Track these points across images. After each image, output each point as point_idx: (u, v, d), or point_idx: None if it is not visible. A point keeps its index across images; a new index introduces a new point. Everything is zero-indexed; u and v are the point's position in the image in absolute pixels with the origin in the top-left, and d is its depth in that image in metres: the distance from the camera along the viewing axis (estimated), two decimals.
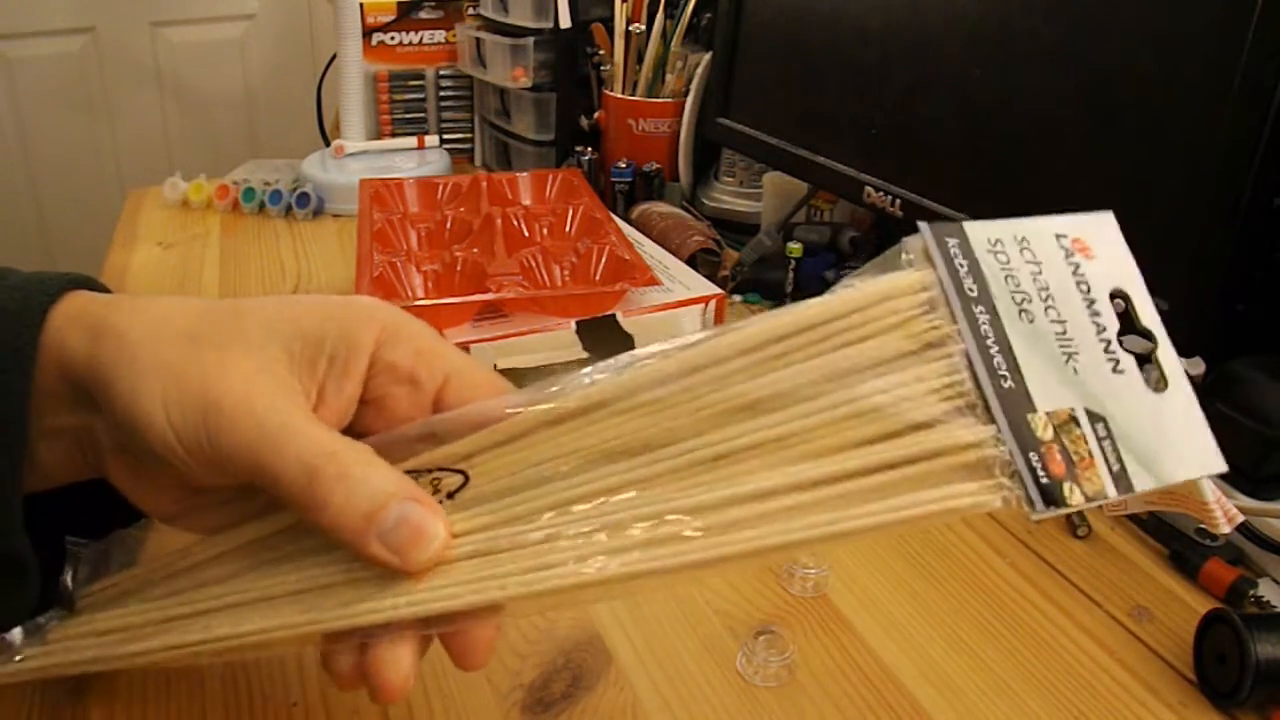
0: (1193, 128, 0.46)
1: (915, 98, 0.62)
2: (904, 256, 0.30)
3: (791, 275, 0.76)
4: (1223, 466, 0.31)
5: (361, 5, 1.01)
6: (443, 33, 1.09)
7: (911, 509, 0.28)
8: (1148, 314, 0.31)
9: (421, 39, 1.09)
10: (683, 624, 0.44)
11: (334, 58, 1.00)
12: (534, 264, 0.65)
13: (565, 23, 0.95)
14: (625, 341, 0.61)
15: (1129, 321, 0.32)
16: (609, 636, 0.43)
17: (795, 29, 0.72)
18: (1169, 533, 0.51)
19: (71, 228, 1.87)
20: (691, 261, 0.75)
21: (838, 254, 0.82)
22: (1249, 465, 0.51)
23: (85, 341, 0.30)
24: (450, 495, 0.32)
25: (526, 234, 0.71)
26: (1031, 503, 0.27)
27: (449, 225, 0.71)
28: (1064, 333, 0.30)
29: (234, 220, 0.95)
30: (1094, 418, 0.29)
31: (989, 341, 0.29)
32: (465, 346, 0.57)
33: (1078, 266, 0.31)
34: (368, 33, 1.05)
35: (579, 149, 0.97)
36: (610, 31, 0.93)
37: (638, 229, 0.79)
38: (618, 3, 0.92)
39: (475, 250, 0.65)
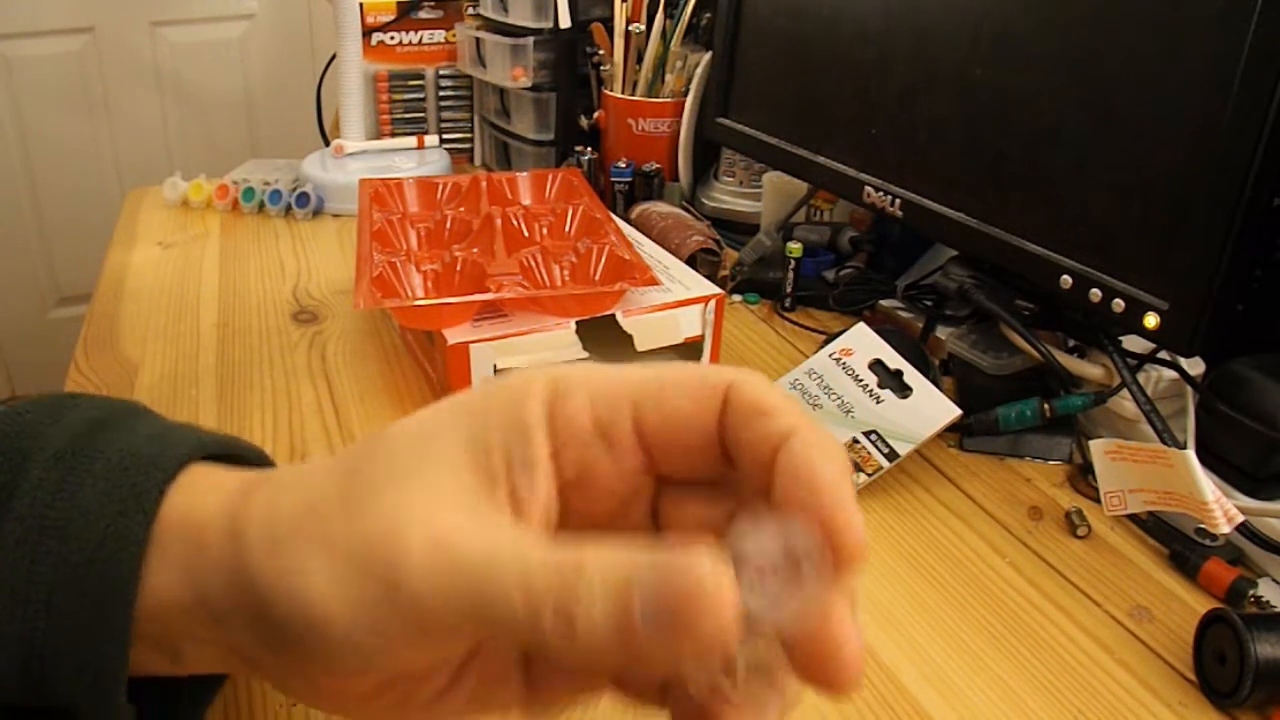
0: (1193, 127, 0.46)
1: (915, 98, 0.62)
2: None
3: (791, 275, 0.76)
4: (957, 411, 0.53)
5: (361, 5, 1.01)
6: (442, 32, 1.09)
7: None
8: (892, 359, 0.56)
9: (421, 39, 1.09)
10: None
11: (334, 57, 1.00)
12: (534, 264, 0.65)
13: (565, 22, 0.95)
14: (625, 341, 0.61)
15: (888, 370, 0.56)
16: None
17: (795, 29, 0.72)
18: (1169, 533, 0.51)
19: (71, 227, 1.87)
20: (691, 261, 0.75)
21: (837, 254, 0.82)
22: (1249, 465, 0.51)
23: (216, 551, 0.26)
24: None
25: (526, 234, 0.71)
26: None
27: (449, 225, 0.71)
28: (842, 401, 0.55)
29: (233, 220, 0.95)
30: (867, 434, 0.54)
31: None
32: (465, 346, 0.57)
33: (841, 362, 0.57)
34: (368, 32, 1.05)
35: (579, 149, 0.97)
36: (610, 31, 0.93)
37: (637, 229, 0.79)
38: (617, 3, 0.92)
39: (475, 250, 0.64)
